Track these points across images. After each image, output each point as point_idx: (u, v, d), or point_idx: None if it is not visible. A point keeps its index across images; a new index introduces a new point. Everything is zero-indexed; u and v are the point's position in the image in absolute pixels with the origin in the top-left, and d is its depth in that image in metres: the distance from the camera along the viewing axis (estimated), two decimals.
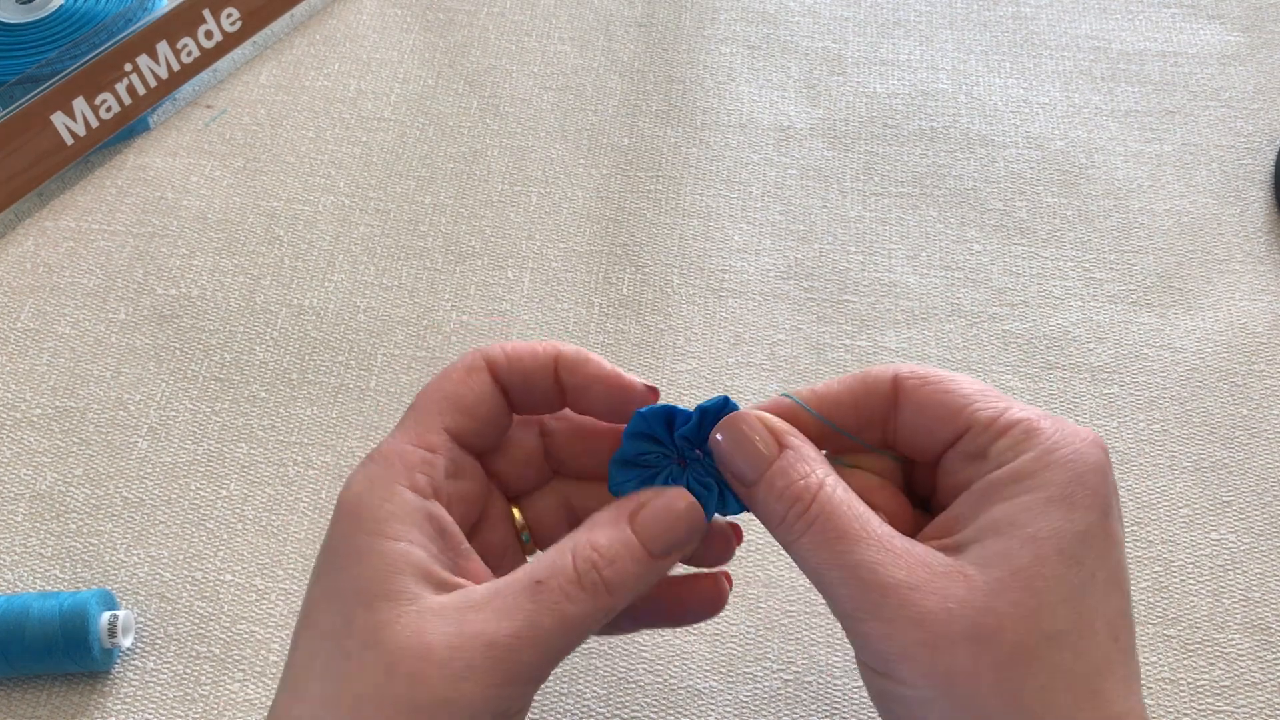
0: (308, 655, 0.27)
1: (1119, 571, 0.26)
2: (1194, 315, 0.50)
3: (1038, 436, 0.27)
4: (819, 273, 0.51)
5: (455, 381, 0.30)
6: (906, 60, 0.59)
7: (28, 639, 0.39)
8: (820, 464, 0.28)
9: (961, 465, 0.29)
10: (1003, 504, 0.26)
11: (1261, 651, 0.41)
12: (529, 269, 0.52)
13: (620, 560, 0.28)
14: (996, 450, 0.27)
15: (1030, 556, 0.25)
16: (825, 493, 0.27)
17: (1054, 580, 0.25)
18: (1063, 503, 0.26)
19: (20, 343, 0.49)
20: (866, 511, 0.27)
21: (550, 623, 0.26)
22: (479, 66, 0.60)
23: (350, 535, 0.28)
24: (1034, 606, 0.25)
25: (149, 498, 0.45)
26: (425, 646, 0.26)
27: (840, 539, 0.26)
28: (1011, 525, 0.26)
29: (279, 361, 0.49)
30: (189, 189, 0.55)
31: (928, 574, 0.26)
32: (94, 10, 0.56)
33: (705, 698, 0.40)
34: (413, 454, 0.29)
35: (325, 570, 0.28)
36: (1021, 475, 0.26)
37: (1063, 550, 0.25)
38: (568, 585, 0.27)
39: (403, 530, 0.27)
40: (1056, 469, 0.26)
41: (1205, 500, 0.44)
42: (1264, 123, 0.56)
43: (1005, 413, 0.28)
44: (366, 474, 0.29)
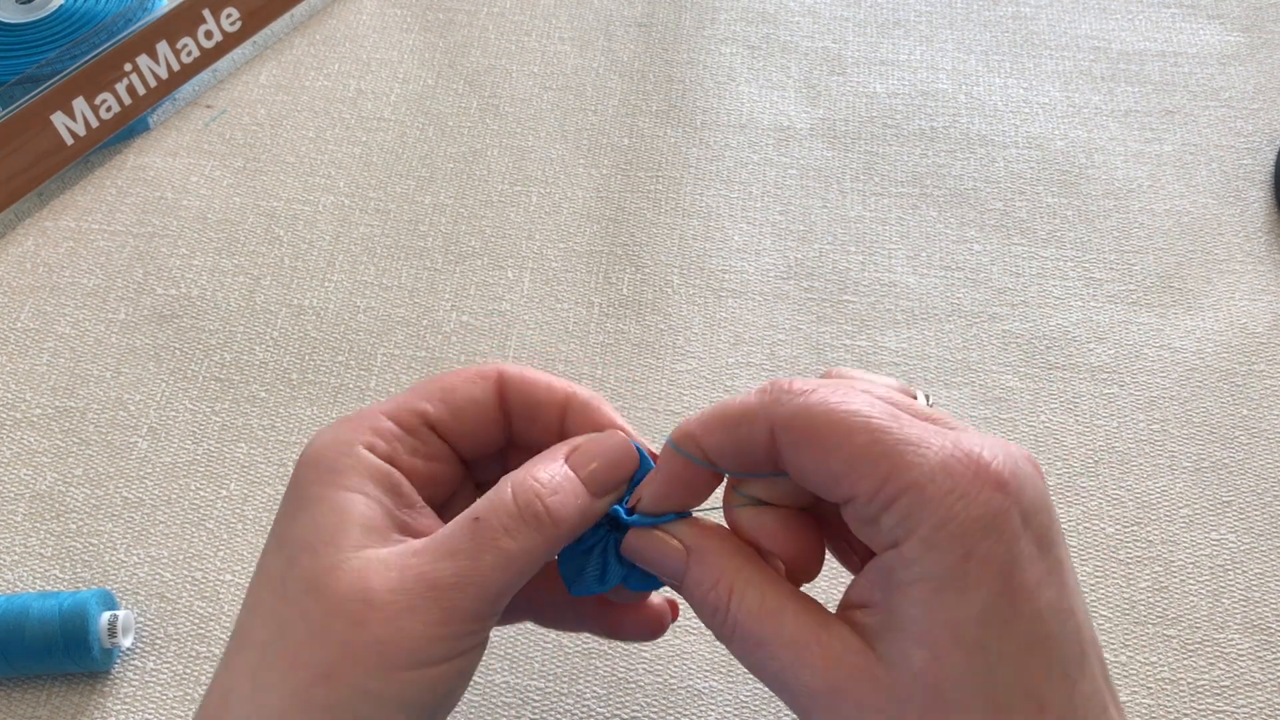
0: (254, 602, 0.28)
1: (1037, 627, 0.24)
2: (1194, 315, 0.50)
3: (920, 511, 0.24)
4: (819, 273, 0.51)
5: (457, 376, 0.31)
6: (906, 60, 0.59)
7: (28, 639, 0.39)
8: (730, 560, 0.27)
9: (857, 524, 0.26)
10: (899, 593, 0.25)
11: (1261, 651, 0.41)
12: (529, 269, 0.52)
13: (563, 490, 0.28)
14: (885, 525, 0.25)
15: (928, 657, 0.24)
16: (735, 602, 0.27)
17: (957, 678, 0.24)
18: (954, 587, 0.24)
19: (20, 343, 0.49)
20: (779, 606, 0.26)
21: (491, 559, 0.26)
22: (479, 66, 0.60)
23: (305, 485, 0.28)
24: (940, 711, 0.24)
25: (149, 498, 0.45)
26: (366, 589, 0.26)
27: (759, 647, 0.26)
28: (909, 621, 0.24)
29: (279, 361, 0.49)
30: (189, 189, 0.55)
31: (843, 674, 0.25)
32: (94, 10, 0.56)
33: (705, 698, 0.40)
34: (380, 422, 0.29)
35: (279, 519, 0.28)
36: (909, 561, 0.24)
37: (961, 641, 0.24)
38: (507, 520, 0.27)
39: (356, 483, 0.28)
40: (942, 550, 0.24)
41: (1205, 500, 0.44)
42: (1264, 123, 0.56)
43: (886, 482, 0.24)
44: (332, 431, 0.29)
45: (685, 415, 0.47)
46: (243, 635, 0.27)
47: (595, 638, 0.41)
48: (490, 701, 0.40)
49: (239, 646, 0.27)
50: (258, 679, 0.26)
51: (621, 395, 0.48)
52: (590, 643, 0.41)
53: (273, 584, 0.27)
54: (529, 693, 0.40)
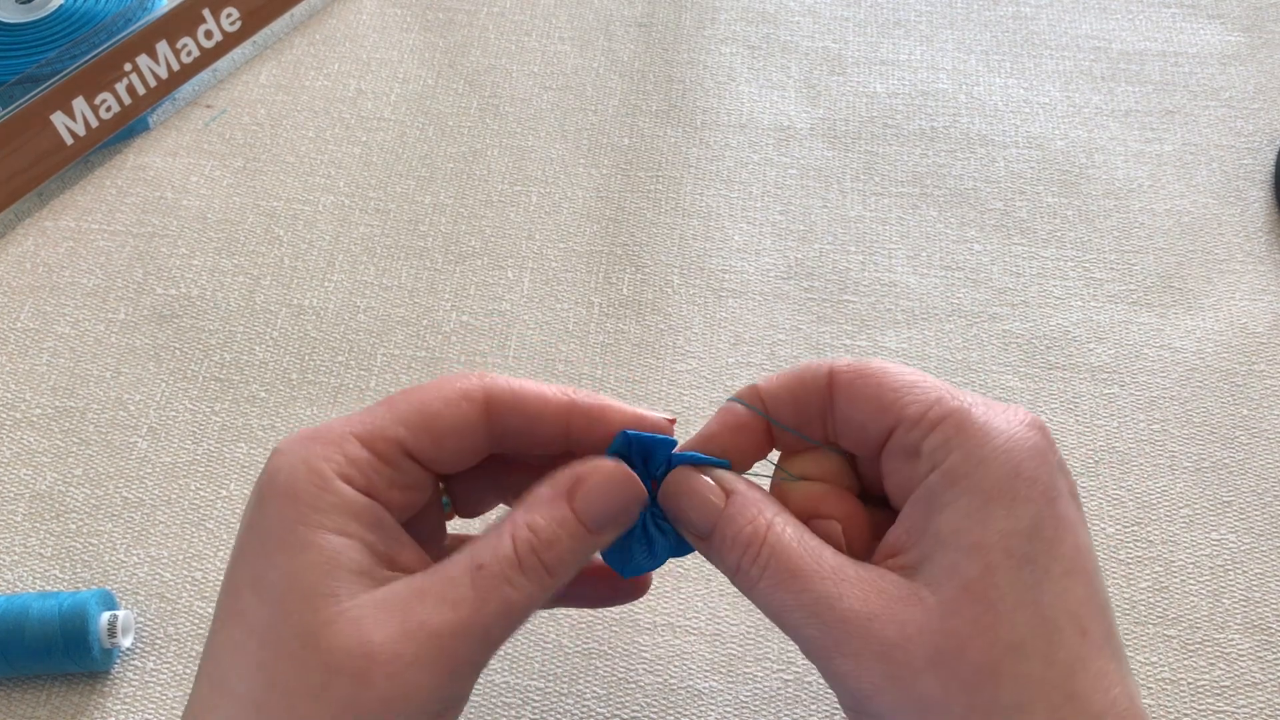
0: (233, 649, 0.26)
1: (1079, 557, 0.25)
2: (1194, 315, 0.50)
3: (968, 430, 0.25)
4: (819, 273, 0.51)
5: (441, 399, 0.28)
6: (906, 60, 0.59)
7: (27, 639, 0.39)
8: (768, 504, 0.28)
9: (899, 463, 0.27)
10: (944, 512, 0.25)
11: (1261, 651, 0.41)
12: (529, 269, 0.52)
13: (559, 542, 0.27)
14: (928, 448, 0.26)
15: (979, 567, 0.24)
16: (774, 533, 0.27)
17: (1007, 588, 0.24)
18: (1003, 500, 0.25)
19: (20, 343, 0.49)
20: (818, 545, 0.27)
21: (493, 608, 0.26)
22: (479, 66, 0.60)
23: (283, 524, 0.26)
24: (991, 620, 0.24)
25: (149, 498, 0.45)
26: (367, 644, 0.25)
27: (794, 577, 0.26)
28: (955, 535, 0.25)
29: (279, 361, 0.49)
30: (189, 189, 0.55)
31: (884, 602, 0.25)
32: (94, 10, 0.56)
33: (705, 698, 0.40)
34: (354, 449, 0.27)
35: (254, 556, 0.27)
36: (956, 476, 0.25)
37: (1011, 552, 0.24)
38: (509, 570, 0.26)
39: (340, 522, 0.26)
40: (991, 464, 0.25)
41: (1205, 500, 0.44)
42: (1264, 122, 0.56)
43: (934, 406, 0.26)
44: (305, 454, 0.27)
45: (685, 415, 0.47)
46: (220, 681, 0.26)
47: (595, 639, 0.41)
48: (490, 701, 0.40)
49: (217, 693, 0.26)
50: None
51: (621, 395, 0.48)
52: (590, 643, 0.41)
53: (255, 631, 0.26)
54: (529, 693, 0.40)
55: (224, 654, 0.26)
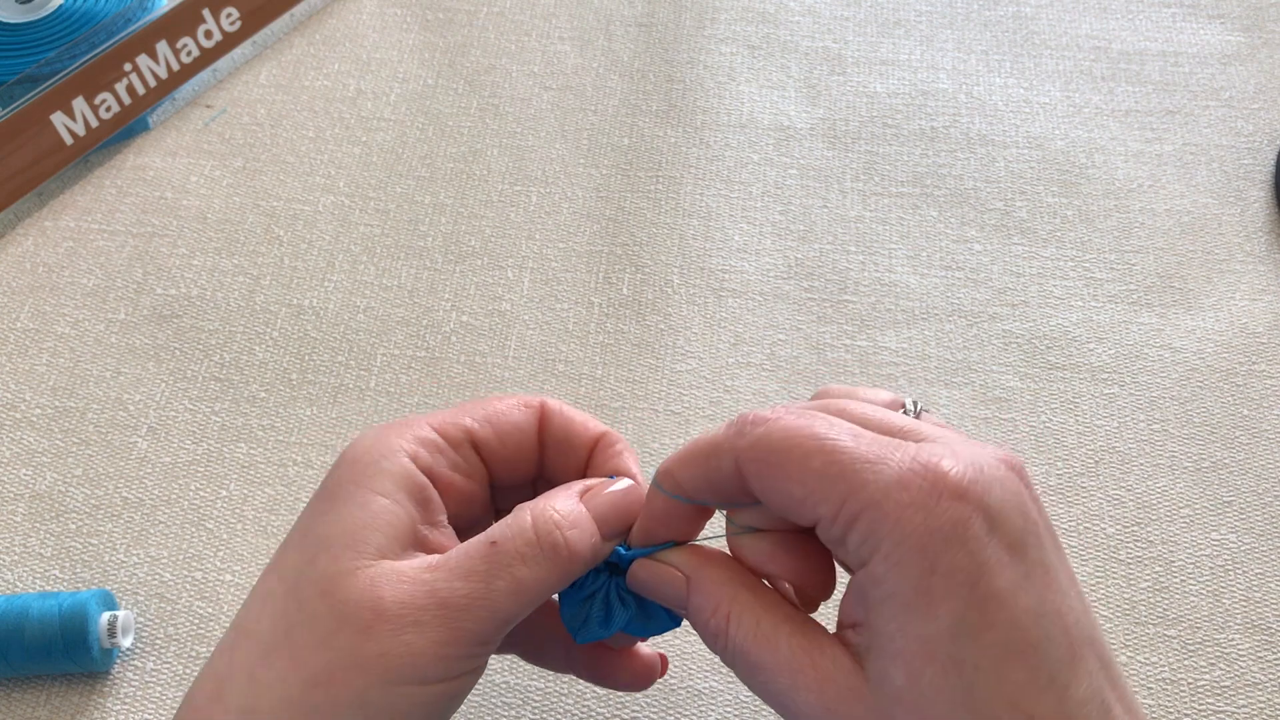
0: (265, 594, 0.28)
1: (1014, 635, 0.24)
2: (1194, 315, 0.50)
3: (880, 528, 0.24)
4: (819, 273, 0.51)
5: (505, 403, 0.31)
6: (906, 60, 0.59)
7: (27, 639, 0.39)
8: (725, 587, 0.28)
9: (831, 546, 0.27)
10: (873, 612, 0.25)
11: (1261, 651, 0.41)
12: (529, 269, 0.52)
13: (580, 525, 0.28)
14: (851, 544, 0.25)
15: (904, 676, 0.24)
16: (732, 629, 0.27)
17: (934, 695, 0.24)
18: (920, 602, 0.24)
19: (20, 343, 0.49)
20: (774, 629, 0.27)
21: (504, 585, 0.27)
22: (479, 66, 0.60)
23: (339, 481, 0.28)
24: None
25: (149, 498, 0.45)
26: (377, 599, 0.26)
27: (758, 671, 0.26)
28: (885, 640, 0.24)
29: (279, 361, 0.49)
30: (189, 189, 0.55)
31: (836, 693, 0.25)
32: (94, 10, 0.56)
33: (705, 698, 0.40)
34: (426, 431, 0.30)
35: (310, 511, 0.29)
36: (877, 579, 0.24)
37: (934, 657, 0.24)
38: (524, 547, 0.27)
39: (388, 487, 0.28)
40: (906, 565, 0.24)
41: (1205, 500, 0.44)
42: (1264, 122, 0.56)
43: (845, 503, 0.25)
44: (378, 434, 0.30)
45: (685, 415, 0.47)
46: (246, 624, 0.27)
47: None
48: (490, 701, 0.40)
49: (240, 635, 0.27)
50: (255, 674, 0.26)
51: (621, 395, 0.48)
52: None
53: (286, 579, 0.27)
54: (529, 693, 0.40)
55: (255, 599, 0.28)
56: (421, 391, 0.48)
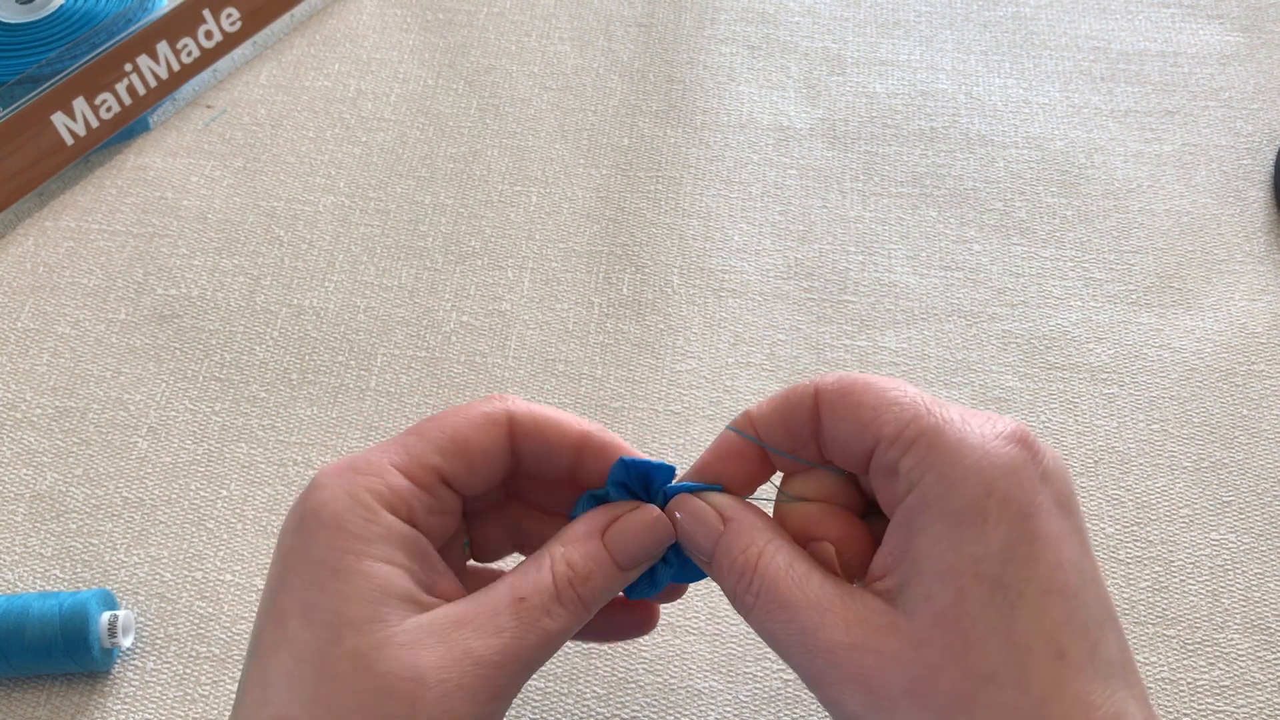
0: (285, 674, 0.26)
1: (1058, 574, 0.24)
2: (1194, 315, 0.50)
3: (940, 449, 0.25)
4: (819, 273, 0.51)
5: (469, 424, 0.30)
6: (906, 60, 0.59)
7: (28, 639, 0.39)
8: (764, 530, 0.28)
9: (882, 481, 0.27)
10: (918, 537, 0.25)
11: (1261, 651, 0.41)
12: (529, 269, 0.52)
13: (594, 577, 0.29)
14: (904, 468, 0.26)
15: (950, 594, 0.24)
16: (764, 561, 0.27)
17: (978, 615, 0.24)
18: (973, 523, 0.24)
19: (20, 343, 0.49)
20: (807, 572, 0.27)
21: (534, 639, 0.27)
22: (479, 66, 0.60)
23: (333, 551, 0.27)
24: (962, 649, 0.24)
25: (149, 498, 0.45)
26: (417, 669, 0.26)
27: (782, 607, 0.26)
28: (928, 561, 0.25)
29: (279, 361, 0.49)
30: (189, 189, 0.55)
31: (864, 631, 0.25)
32: (94, 10, 0.56)
33: (705, 698, 0.40)
34: (395, 479, 0.28)
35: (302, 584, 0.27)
36: (929, 500, 0.25)
37: (982, 577, 0.24)
38: (549, 602, 0.28)
39: (388, 553, 0.28)
40: (961, 485, 0.25)
41: (1205, 500, 0.44)
42: (1264, 123, 0.56)
43: (909, 425, 0.26)
44: (348, 485, 0.28)
45: (685, 415, 0.47)
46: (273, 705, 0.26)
47: None
48: None
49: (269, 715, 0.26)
50: None
51: (621, 395, 0.48)
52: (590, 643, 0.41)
53: (307, 660, 0.26)
54: (529, 692, 0.40)
55: (275, 679, 0.27)
56: (422, 391, 0.48)
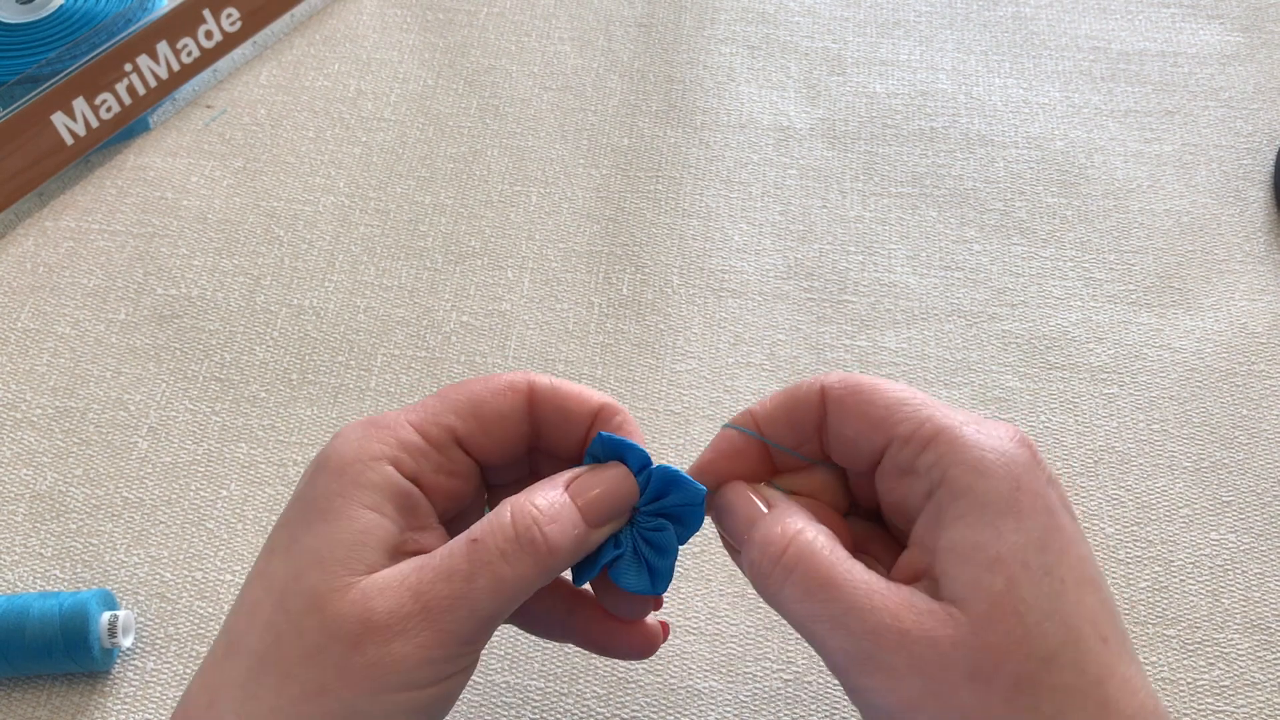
0: (252, 604, 0.27)
1: (1083, 566, 0.25)
2: (1194, 315, 0.50)
3: (961, 445, 0.26)
4: (819, 273, 0.51)
5: (487, 389, 0.30)
6: (906, 60, 0.59)
7: (28, 639, 0.39)
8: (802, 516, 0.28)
9: (893, 481, 0.28)
10: (953, 527, 0.25)
11: (1261, 651, 0.41)
12: (529, 269, 0.52)
13: (560, 519, 0.28)
14: (924, 465, 0.27)
15: (1002, 581, 0.24)
16: (802, 538, 0.27)
17: (1033, 600, 0.24)
18: (1010, 513, 0.25)
19: (20, 343, 0.49)
20: (848, 557, 0.27)
21: (485, 583, 0.26)
22: (479, 66, 0.60)
23: (324, 494, 0.28)
24: (1023, 634, 0.24)
25: (149, 498, 0.45)
26: (367, 612, 0.26)
27: (823, 587, 0.26)
28: (970, 550, 0.25)
29: (279, 361, 0.49)
30: (189, 189, 0.55)
31: (915, 617, 0.25)
32: (94, 10, 0.56)
33: (705, 698, 0.40)
34: (409, 434, 0.29)
35: (294, 520, 0.28)
36: (959, 491, 0.26)
37: (1028, 565, 0.25)
38: (504, 544, 0.27)
39: (377, 500, 0.28)
40: (991, 477, 0.25)
41: (1205, 500, 0.44)
42: (1264, 122, 0.56)
43: (924, 424, 0.27)
44: (358, 436, 0.29)
45: (685, 415, 0.47)
46: (235, 639, 0.27)
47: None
48: (490, 701, 0.40)
49: (230, 650, 0.27)
50: (247, 688, 0.26)
51: (621, 395, 0.48)
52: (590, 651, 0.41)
53: (274, 592, 0.27)
54: (529, 693, 0.40)
55: (242, 609, 0.28)
56: (422, 391, 0.48)
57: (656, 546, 0.30)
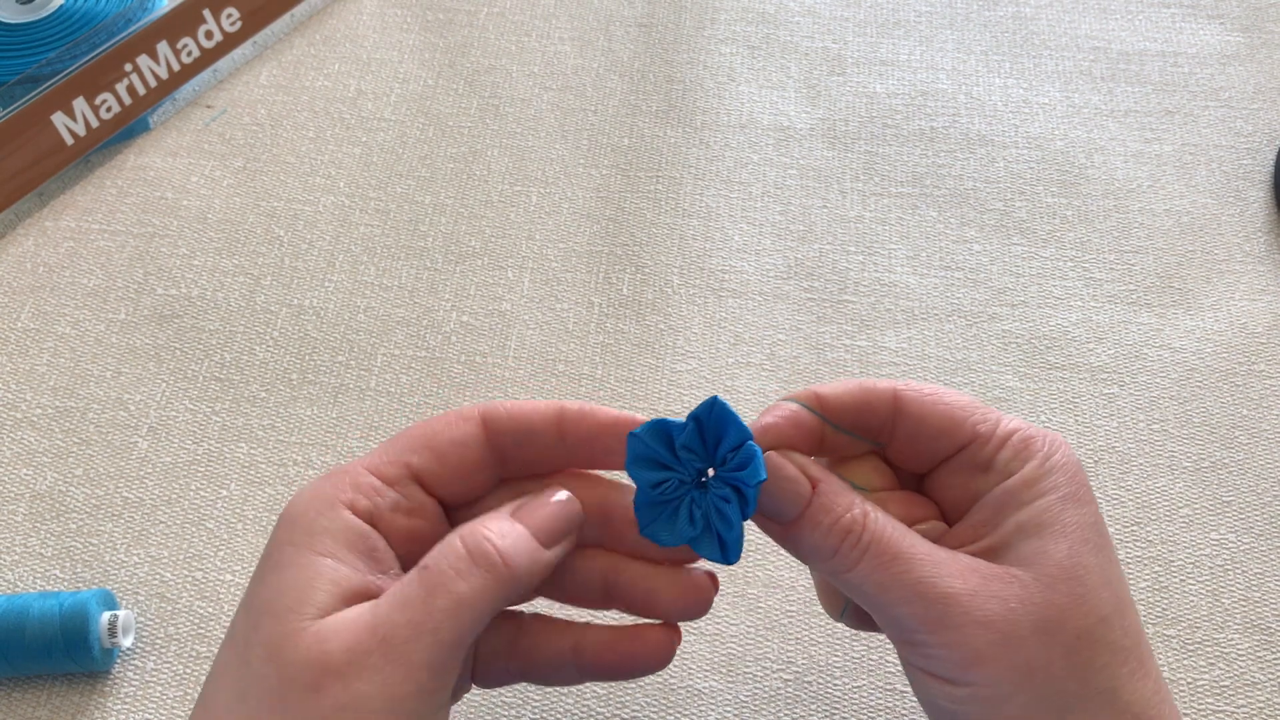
0: (220, 665, 0.27)
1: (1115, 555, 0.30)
2: (1194, 315, 0.50)
3: (1033, 445, 0.30)
4: (819, 273, 0.51)
5: (439, 422, 0.30)
6: (906, 60, 0.59)
7: (28, 639, 0.39)
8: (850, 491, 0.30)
9: (963, 477, 0.31)
10: (1025, 509, 0.29)
11: (1261, 651, 0.41)
12: (529, 269, 0.52)
13: (513, 535, 0.27)
14: (1001, 461, 0.30)
15: (1066, 550, 0.28)
16: (872, 519, 0.29)
17: (1092, 567, 0.28)
18: (1073, 500, 0.29)
19: (20, 343, 0.49)
20: (906, 529, 0.29)
21: (443, 603, 0.26)
22: (479, 66, 0.60)
23: (278, 545, 0.28)
24: (1083, 594, 0.28)
25: (149, 498, 0.45)
26: (324, 654, 0.25)
27: (895, 560, 0.28)
28: (1040, 526, 0.28)
29: (279, 361, 0.49)
30: (189, 189, 0.55)
31: (981, 580, 0.28)
32: (94, 10, 0.56)
33: (705, 698, 0.40)
34: (363, 477, 0.29)
35: (253, 579, 0.28)
36: (1032, 481, 0.29)
37: (1088, 540, 0.28)
38: (457, 563, 0.26)
39: (330, 546, 0.27)
40: (1059, 472, 0.29)
41: (1205, 500, 0.44)
42: (1263, 122, 0.56)
43: (999, 425, 0.30)
44: (314, 489, 0.29)
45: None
46: (207, 701, 0.27)
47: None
48: (490, 701, 0.40)
49: (202, 708, 0.27)
50: None
51: (621, 395, 0.48)
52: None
53: (236, 648, 0.27)
54: (529, 692, 0.40)
55: (214, 672, 0.27)
56: (422, 391, 0.48)
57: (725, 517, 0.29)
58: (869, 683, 0.40)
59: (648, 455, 0.30)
